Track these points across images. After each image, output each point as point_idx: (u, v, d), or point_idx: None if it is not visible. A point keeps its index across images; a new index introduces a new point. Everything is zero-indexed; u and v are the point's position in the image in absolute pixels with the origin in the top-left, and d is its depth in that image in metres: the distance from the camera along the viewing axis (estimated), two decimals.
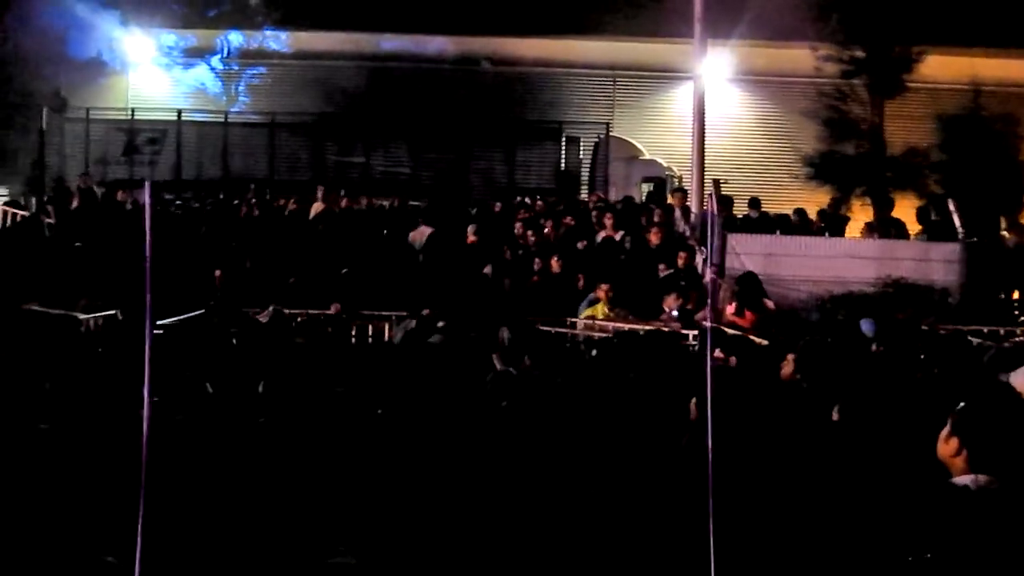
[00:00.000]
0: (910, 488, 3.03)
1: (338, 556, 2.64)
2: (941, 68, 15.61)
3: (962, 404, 3.19)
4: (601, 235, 11.72)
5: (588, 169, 19.06)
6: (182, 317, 8.43)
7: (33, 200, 15.16)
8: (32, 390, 4.50)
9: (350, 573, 2.55)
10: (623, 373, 5.44)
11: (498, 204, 14.25)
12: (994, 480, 2.91)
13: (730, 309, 9.21)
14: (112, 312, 8.24)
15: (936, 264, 11.81)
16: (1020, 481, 2.90)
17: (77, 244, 11.13)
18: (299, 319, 8.95)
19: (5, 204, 14.99)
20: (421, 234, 11.84)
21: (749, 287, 9.58)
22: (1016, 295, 12.39)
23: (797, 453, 3.75)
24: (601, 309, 9.60)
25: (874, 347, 6.87)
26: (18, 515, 2.98)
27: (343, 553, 2.65)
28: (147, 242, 2.17)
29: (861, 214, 13.79)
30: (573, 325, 9.39)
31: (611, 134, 18.83)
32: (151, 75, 19.82)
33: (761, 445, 3.94)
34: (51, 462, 3.46)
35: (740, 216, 14.02)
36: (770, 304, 9.70)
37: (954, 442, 3.04)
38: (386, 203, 14.56)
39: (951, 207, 12.90)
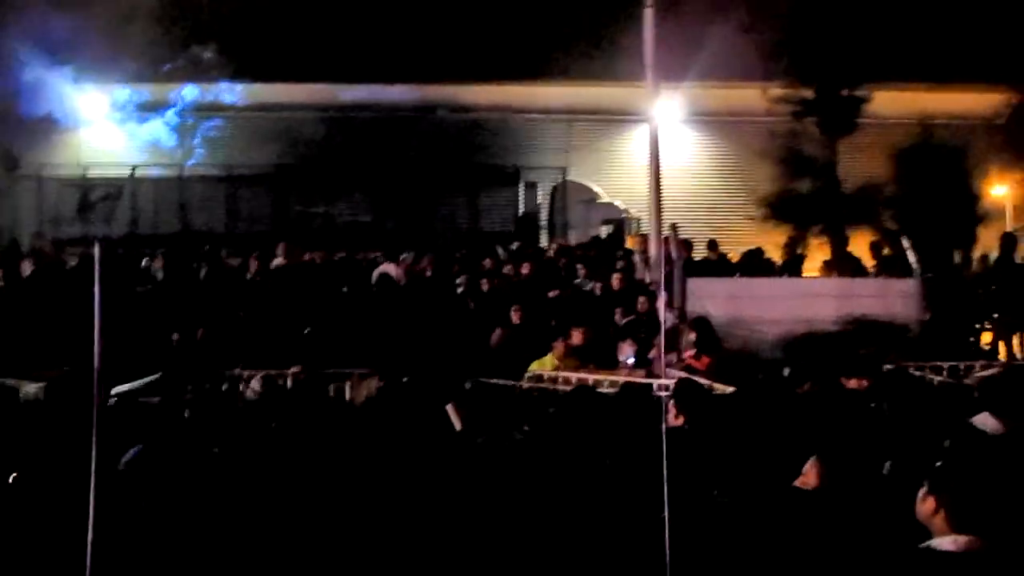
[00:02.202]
0: (889, 554, 2.97)
1: None
2: (890, 103, 15.94)
3: (938, 463, 3.14)
4: (578, 283, 11.71)
5: (547, 213, 19.11)
6: (138, 383, 8.24)
7: None
8: None
9: None
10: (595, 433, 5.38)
11: (461, 251, 14.17)
12: (976, 540, 2.85)
13: (688, 354, 9.21)
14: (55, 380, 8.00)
15: (895, 299, 11.93)
16: (1004, 540, 2.84)
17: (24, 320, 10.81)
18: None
19: None
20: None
21: (704, 331, 9.61)
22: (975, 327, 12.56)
23: (765, 519, 3.69)
24: (550, 361, 9.49)
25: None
26: None
27: None
28: (96, 302, 2.07)
29: (819, 252, 13.94)
30: (538, 378, 9.30)
31: (568, 178, 18.93)
32: (105, 131, 19.60)
33: (723, 510, 3.89)
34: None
35: (698, 259, 14.10)
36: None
37: (931, 501, 2.98)
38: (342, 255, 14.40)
39: (905, 243, 13.08)
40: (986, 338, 12.51)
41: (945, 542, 2.95)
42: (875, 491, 3.79)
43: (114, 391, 7.66)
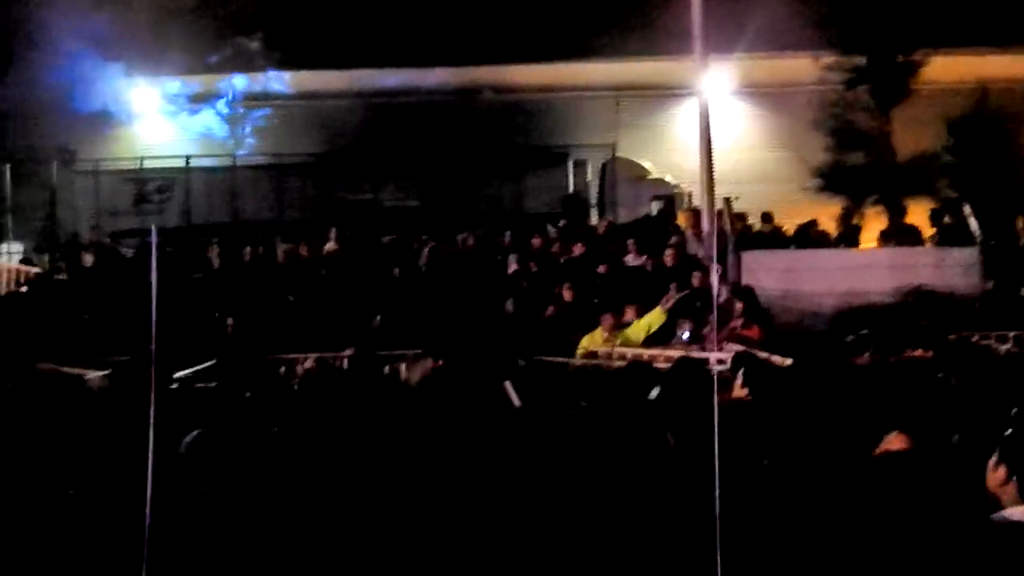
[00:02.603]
0: (957, 524, 2.89)
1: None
2: (946, 70, 15.50)
3: (1009, 430, 3.05)
4: (628, 259, 11.64)
5: (596, 191, 19.00)
6: (195, 368, 8.38)
7: (46, 257, 15.19)
8: (51, 453, 4.46)
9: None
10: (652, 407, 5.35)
11: (508, 233, 14.15)
12: None
13: (736, 323, 9.13)
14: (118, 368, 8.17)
15: (954, 270, 11.66)
16: None
17: (87, 310, 11.05)
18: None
19: (20, 262, 15.07)
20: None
21: (750, 300, 9.52)
22: None
23: (829, 485, 3.62)
24: (600, 335, 9.46)
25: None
26: None
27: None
28: (153, 291, 2.10)
29: (875, 223, 13.66)
30: (592, 355, 9.26)
31: (617, 155, 18.77)
32: (158, 124, 19.94)
33: (788, 480, 3.83)
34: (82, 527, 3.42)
35: (752, 232, 13.90)
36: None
37: (1002, 471, 2.89)
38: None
39: (966, 211, 12.75)
40: None
41: (1018, 512, 2.86)
42: (947, 462, 3.70)
43: (175, 376, 7.82)
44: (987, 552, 2.73)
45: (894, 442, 3.78)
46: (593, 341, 9.44)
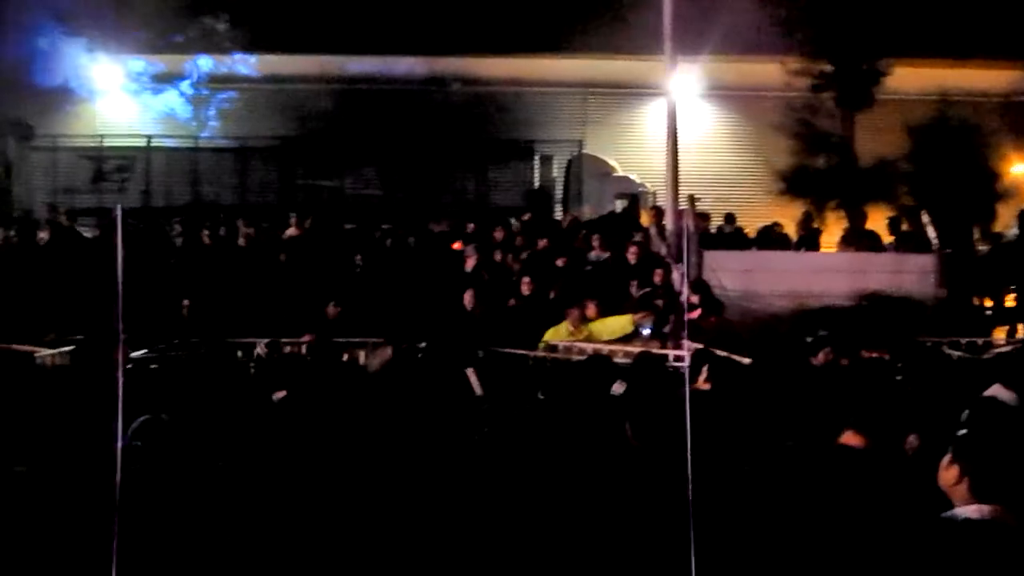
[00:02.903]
0: (911, 522, 2.93)
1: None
2: (909, 79, 15.75)
3: (963, 430, 3.10)
4: (591, 255, 11.67)
5: (562, 187, 19.02)
6: (150, 350, 8.26)
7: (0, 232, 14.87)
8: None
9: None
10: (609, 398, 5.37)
11: (471, 224, 14.12)
12: (999, 509, 2.81)
13: (694, 315, 9.25)
14: (74, 347, 8.03)
15: (910, 276, 11.85)
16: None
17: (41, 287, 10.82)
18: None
19: None
20: None
21: (705, 293, 9.65)
22: (989, 303, 12.45)
23: (782, 484, 3.66)
24: (565, 328, 9.49)
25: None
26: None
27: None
28: (118, 270, 2.07)
29: (836, 227, 13.83)
30: (552, 348, 9.28)
31: (584, 151, 18.82)
32: (119, 102, 19.60)
33: (739, 476, 3.85)
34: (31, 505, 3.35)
35: (714, 231, 14.01)
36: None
37: (955, 470, 2.93)
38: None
39: (924, 218, 12.96)
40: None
41: (969, 510, 2.90)
42: (899, 461, 3.75)
43: (131, 356, 7.70)
44: (937, 549, 2.77)
45: (849, 439, 3.82)
46: (557, 334, 9.46)
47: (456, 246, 12.54)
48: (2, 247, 13.31)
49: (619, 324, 9.55)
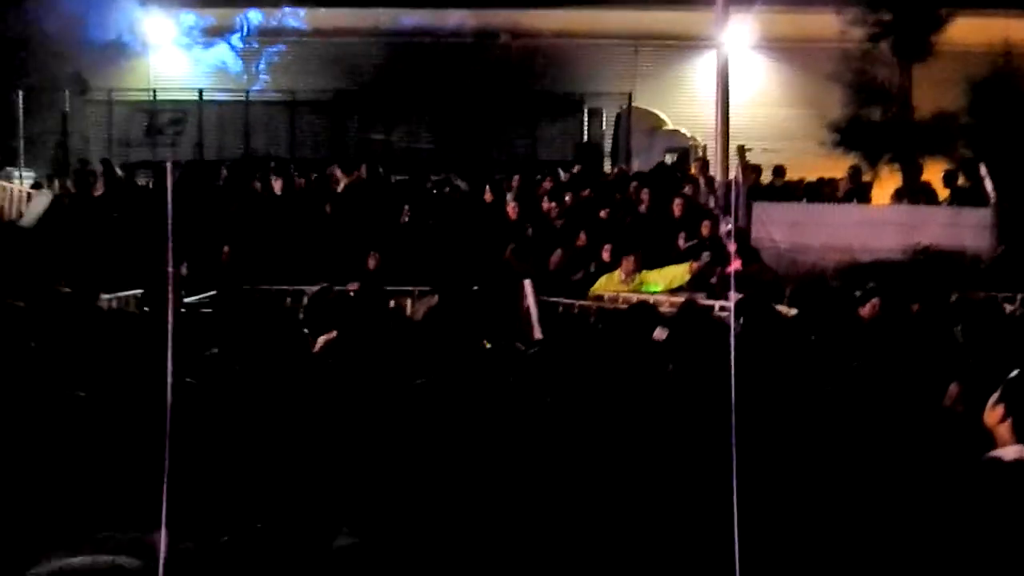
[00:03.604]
0: (952, 463, 2.93)
1: (341, 538, 2.60)
2: (970, 31, 15.23)
3: (1016, 372, 3.12)
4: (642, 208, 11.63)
5: (611, 140, 18.88)
6: (201, 296, 8.44)
7: (56, 183, 15.22)
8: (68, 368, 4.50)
9: (354, 554, 2.52)
10: (651, 347, 5.36)
11: (517, 176, 14.08)
12: None
13: (737, 263, 9.22)
14: (133, 293, 8.25)
15: (966, 230, 11.59)
16: None
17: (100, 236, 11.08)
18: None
19: (31, 187, 15.12)
20: None
21: (743, 240, 9.62)
22: None
23: (824, 427, 3.65)
24: (617, 278, 9.49)
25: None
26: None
27: (346, 534, 2.61)
28: (169, 222, 2.14)
29: (889, 181, 13.55)
30: (599, 299, 9.29)
31: (633, 104, 18.61)
32: (172, 56, 19.84)
33: (783, 420, 3.85)
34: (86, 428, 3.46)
35: (764, 184, 13.80)
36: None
37: (1000, 409, 2.96)
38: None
39: (982, 172, 12.63)
40: None
41: (1009, 451, 2.91)
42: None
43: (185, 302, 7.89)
44: (979, 489, 2.77)
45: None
46: (610, 282, 9.48)
47: (487, 198, 12.52)
48: (61, 198, 13.66)
49: (676, 273, 9.52)
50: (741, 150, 11.78)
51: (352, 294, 8.87)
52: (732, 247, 9.52)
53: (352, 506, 2.90)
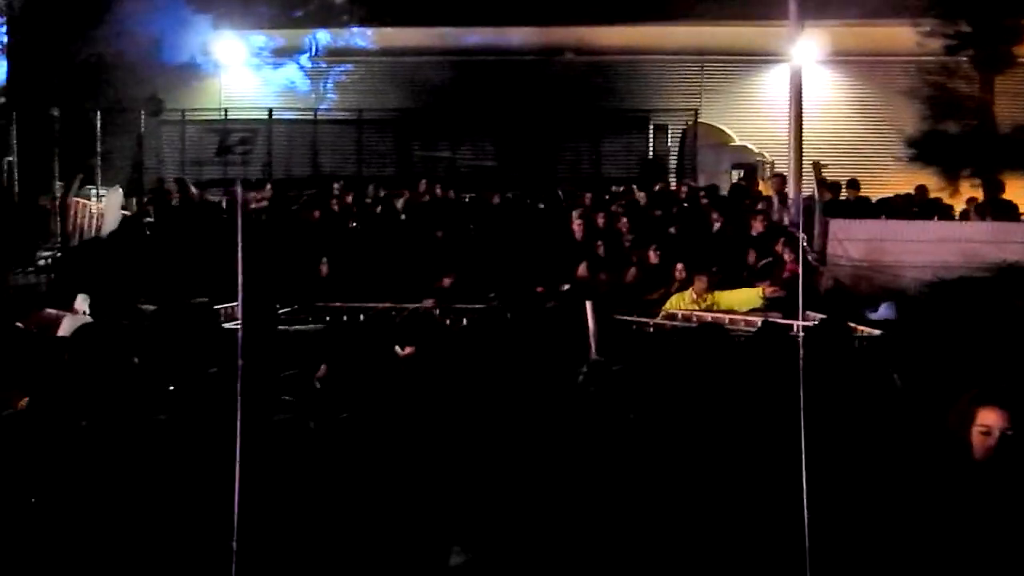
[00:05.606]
0: None
1: (454, 556, 2.55)
2: None
3: None
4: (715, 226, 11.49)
5: (676, 156, 18.73)
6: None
7: (133, 201, 15.59)
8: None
9: (471, 571, 2.47)
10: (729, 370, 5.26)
11: (587, 195, 14.01)
12: None
13: (793, 266, 9.05)
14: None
15: None
16: None
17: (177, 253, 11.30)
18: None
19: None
20: None
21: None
22: None
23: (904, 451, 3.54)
24: (689, 296, 9.38)
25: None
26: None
27: (458, 552, 2.56)
28: (239, 239, 2.13)
29: (969, 196, 13.16)
30: (672, 317, 9.17)
31: (699, 120, 18.45)
32: (242, 76, 20.26)
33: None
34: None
35: (838, 199, 13.52)
36: None
37: None
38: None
39: None
40: None
41: None
42: None
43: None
44: None
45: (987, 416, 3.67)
46: (682, 301, 9.37)
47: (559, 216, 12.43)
48: (140, 216, 13.98)
49: (747, 296, 9.39)
50: (817, 165, 11.54)
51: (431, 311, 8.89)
52: (789, 256, 9.35)
53: (457, 523, 2.87)
